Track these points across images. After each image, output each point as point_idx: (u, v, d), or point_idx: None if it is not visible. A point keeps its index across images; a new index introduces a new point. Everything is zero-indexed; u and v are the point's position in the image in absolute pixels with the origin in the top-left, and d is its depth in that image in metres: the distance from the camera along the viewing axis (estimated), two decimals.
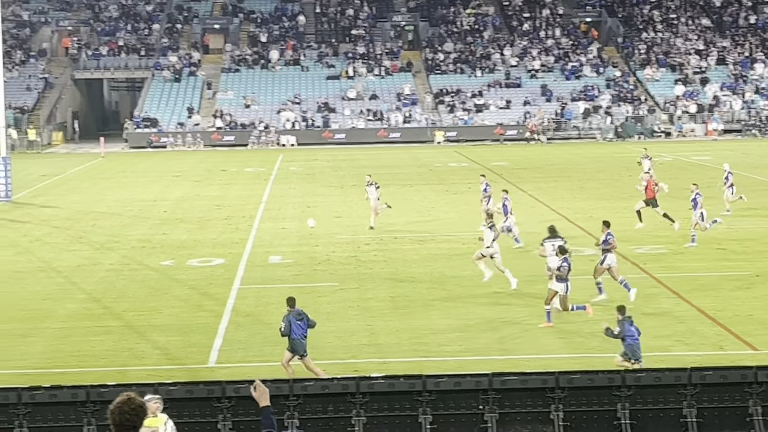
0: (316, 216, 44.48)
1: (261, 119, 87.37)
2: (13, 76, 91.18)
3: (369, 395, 18.21)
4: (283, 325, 22.22)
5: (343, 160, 70.60)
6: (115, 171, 66.87)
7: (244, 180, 59.83)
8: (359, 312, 28.18)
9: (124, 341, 25.65)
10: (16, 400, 18.28)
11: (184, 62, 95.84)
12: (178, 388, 18.60)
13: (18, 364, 23.77)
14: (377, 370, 21.71)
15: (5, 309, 29.18)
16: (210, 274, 33.59)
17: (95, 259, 36.41)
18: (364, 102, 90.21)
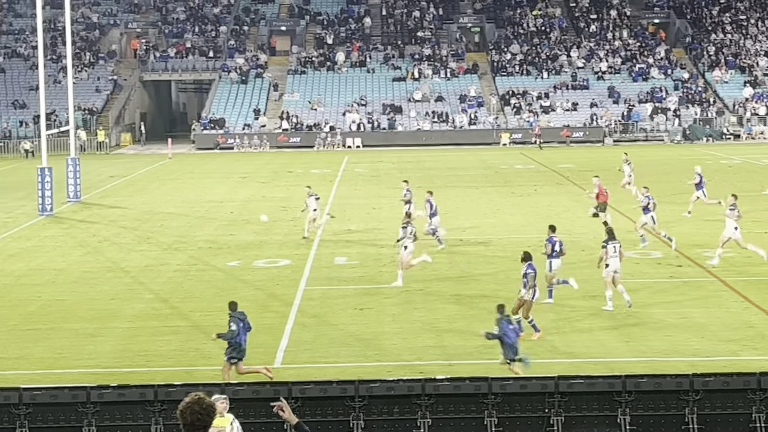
0: (381, 217, 44.56)
1: (327, 121, 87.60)
2: (82, 78, 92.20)
3: (434, 397, 18.19)
4: (233, 326, 21.90)
5: (408, 161, 70.60)
6: (182, 172, 67.35)
7: (310, 181, 59.87)
8: (424, 314, 28.15)
9: (192, 341, 25.81)
10: (84, 398, 18.46)
11: (250, 64, 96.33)
12: (245, 389, 18.70)
13: (86, 363, 24.01)
14: (442, 372, 21.67)
15: (74, 309, 29.47)
16: (276, 275, 33.73)
17: (163, 259, 36.69)
18: (430, 104, 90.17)
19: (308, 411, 18.41)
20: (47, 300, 30.50)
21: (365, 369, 22.83)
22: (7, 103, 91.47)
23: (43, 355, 24.29)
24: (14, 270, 35.15)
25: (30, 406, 18.61)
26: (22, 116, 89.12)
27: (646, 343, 24.99)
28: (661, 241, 36.93)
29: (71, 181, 52.84)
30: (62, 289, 32.03)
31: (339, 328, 26.78)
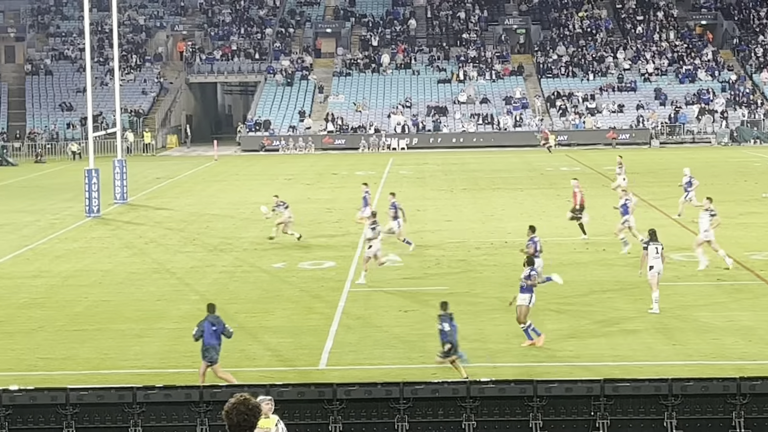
0: (426, 219, 44.51)
1: (372, 123, 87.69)
2: (129, 80, 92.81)
3: (479, 400, 18.16)
4: (195, 329, 22.05)
5: (453, 163, 70.53)
6: (227, 174, 67.61)
7: (355, 183, 59.99)
8: (469, 316, 28.06)
9: (237, 342, 25.82)
10: (131, 399, 18.58)
11: (296, 66, 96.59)
12: (290, 390, 18.75)
13: (133, 364, 24.14)
14: (487, 374, 21.62)
15: (121, 309, 29.65)
16: (321, 276, 33.78)
17: (208, 260, 36.84)
18: (475, 106, 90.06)
19: (353, 413, 18.44)
20: (94, 301, 30.70)
21: (410, 371, 22.83)
22: (54, 105, 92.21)
23: (90, 356, 24.44)
24: (61, 271, 35.41)
25: (77, 406, 18.75)
26: (69, 118, 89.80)
27: (692, 346, 24.83)
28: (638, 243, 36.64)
29: (118, 182, 53.16)
30: (109, 290, 32.22)
31: (383, 330, 26.79)
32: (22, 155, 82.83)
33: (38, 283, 33.40)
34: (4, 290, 32.46)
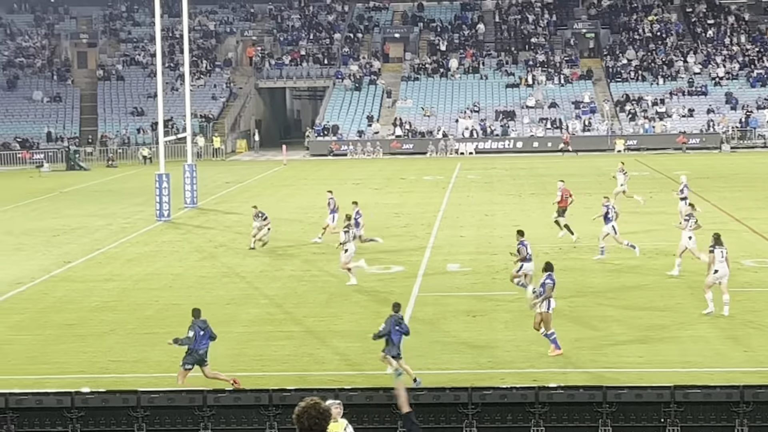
0: (494, 223, 44.41)
1: (440, 127, 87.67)
2: (199, 86, 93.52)
3: (548, 405, 18.10)
4: (190, 333, 22.13)
5: (521, 168, 70.33)
6: (296, 178, 67.90)
7: (423, 188, 60.10)
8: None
9: (305, 346, 26.01)
10: (201, 402, 18.73)
11: (364, 71, 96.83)
12: (358, 394, 18.79)
13: None
14: (556, 380, 21.54)
15: (190, 314, 29.81)
16: (389, 281, 33.82)
17: (277, 265, 37.03)
18: (543, 110, 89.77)
19: (421, 417, 18.43)
20: (164, 304, 30.97)
21: (478, 376, 22.81)
22: (126, 110, 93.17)
23: (161, 359, 24.65)
24: (132, 274, 35.76)
25: (148, 409, 18.93)
26: (140, 123, 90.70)
27: (764, 352, 24.57)
28: (625, 250, 36.42)
29: (188, 187, 53.59)
30: (179, 294, 32.49)
31: (451, 335, 26.77)
32: (93, 160, 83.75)
33: (110, 287, 33.76)
34: (76, 293, 32.85)
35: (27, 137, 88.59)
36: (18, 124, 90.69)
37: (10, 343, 26.95)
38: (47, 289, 33.59)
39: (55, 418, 19.06)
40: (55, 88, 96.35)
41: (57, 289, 33.62)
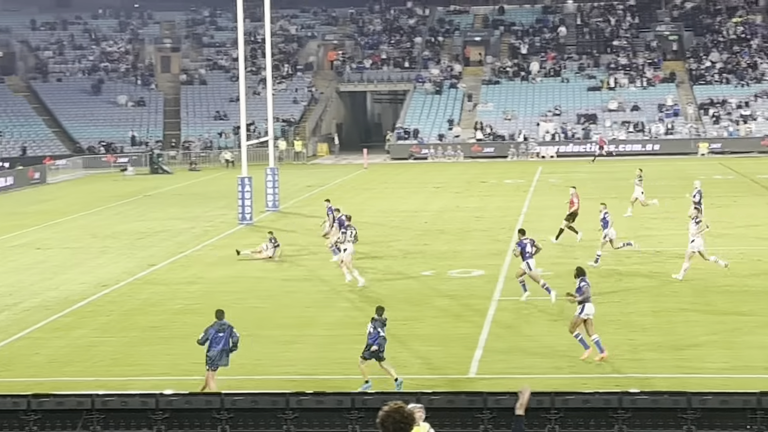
0: (577, 228, 44.15)
1: (521, 131, 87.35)
2: (281, 89, 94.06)
3: (631, 411, 17.97)
4: (201, 335, 22.29)
5: (603, 171, 69.83)
6: (377, 182, 68.03)
7: (504, 191, 59.94)
8: (620, 326, 27.82)
9: (387, 350, 26.00)
10: (284, 405, 18.84)
11: (445, 74, 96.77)
12: (440, 398, 18.80)
13: (285, 370, 24.47)
14: (639, 385, 21.36)
15: (273, 316, 30.08)
16: (470, 285, 33.78)
17: (363, 268, 37.07)
18: (625, 113, 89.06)
19: (503, 422, 18.40)
20: (246, 307, 31.17)
21: (560, 381, 22.71)
22: (208, 114, 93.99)
23: (243, 362, 24.81)
24: (215, 277, 36.07)
25: (231, 411, 19.08)
26: (222, 127, 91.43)
27: None
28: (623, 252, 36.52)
29: (270, 190, 53.92)
30: (261, 297, 32.72)
31: (533, 339, 26.67)
32: (177, 163, 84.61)
33: (193, 289, 34.08)
34: (160, 296, 33.21)
35: (111, 141, 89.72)
36: (103, 128, 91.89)
37: (96, 345, 27.32)
38: (132, 292, 34.00)
39: (140, 419, 19.28)
40: (139, 92, 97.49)
41: (141, 291, 34.02)
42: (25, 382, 23.61)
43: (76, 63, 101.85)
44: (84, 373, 24.61)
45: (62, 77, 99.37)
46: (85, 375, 24.44)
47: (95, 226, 49.63)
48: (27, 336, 28.53)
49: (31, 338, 28.30)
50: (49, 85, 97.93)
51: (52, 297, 33.39)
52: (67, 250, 42.79)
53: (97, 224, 50.38)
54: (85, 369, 25.05)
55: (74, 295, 33.60)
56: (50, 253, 42.32)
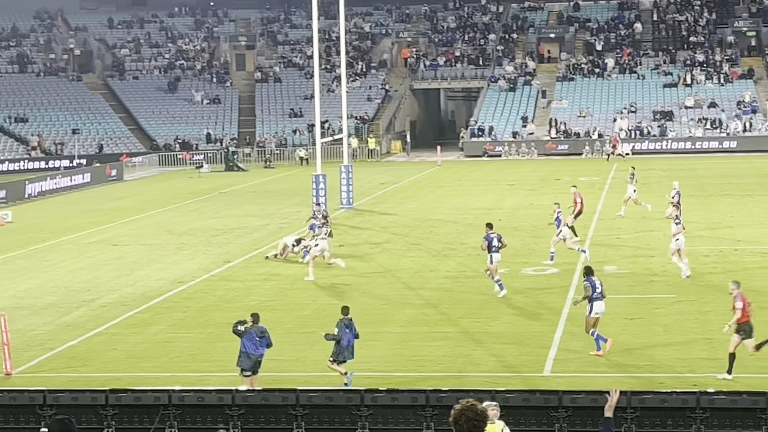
0: (652, 225, 43.80)
1: (595, 128, 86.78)
2: (354, 87, 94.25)
3: (709, 411, 17.78)
4: (241, 329, 22.42)
5: (679, 169, 69.15)
6: (450, 179, 67.93)
7: (578, 189, 59.43)
8: (698, 325, 27.56)
9: (461, 347, 26.02)
10: (359, 401, 18.87)
11: (519, 71, 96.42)
12: (515, 396, 18.72)
13: (360, 367, 24.46)
14: (717, 385, 21.14)
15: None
16: (545, 282, 33.64)
17: (432, 265, 37.11)
18: (702, 110, 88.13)
19: (578, 421, 18.30)
20: (322, 304, 31.28)
21: (636, 380, 22.54)
22: (283, 111, 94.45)
23: (318, 358, 24.89)
24: (290, 274, 36.22)
25: (306, 407, 19.14)
26: (297, 124, 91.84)
27: None
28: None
29: (344, 187, 54.06)
30: (336, 294, 32.80)
31: (609, 337, 26.43)
32: (251, 161, 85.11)
33: (268, 286, 34.27)
34: (236, 293, 33.42)
35: (187, 138, 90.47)
36: (178, 126, 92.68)
37: (173, 341, 27.56)
38: (207, 288, 34.25)
39: (216, 415, 19.41)
40: (214, 90, 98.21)
41: (217, 288, 34.26)
42: (103, 378, 23.87)
43: (152, 61, 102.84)
44: (161, 369, 24.83)
45: (139, 75, 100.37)
46: (161, 370, 24.67)
47: (171, 223, 50.07)
48: (105, 332, 28.85)
49: (109, 334, 28.62)
50: (125, 83, 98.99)
51: (129, 293, 33.74)
52: (144, 246, 43.20)
53: (173, 221, 50.82)
54: (161, 365, 25.28)
55: (151, 291, 33.93)
56: (127, 249, 42.76)
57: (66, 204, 61.07)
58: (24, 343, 27.34)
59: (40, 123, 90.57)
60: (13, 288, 35.12)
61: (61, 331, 28.99)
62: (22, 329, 28.87)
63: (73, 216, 54.57)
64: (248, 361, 22.36)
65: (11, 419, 19.97)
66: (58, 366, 25.50)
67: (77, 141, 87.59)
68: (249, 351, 22.28)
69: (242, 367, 22.42)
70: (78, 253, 42.34)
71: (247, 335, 22.40)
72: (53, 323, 29.94)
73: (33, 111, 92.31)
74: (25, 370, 25.09)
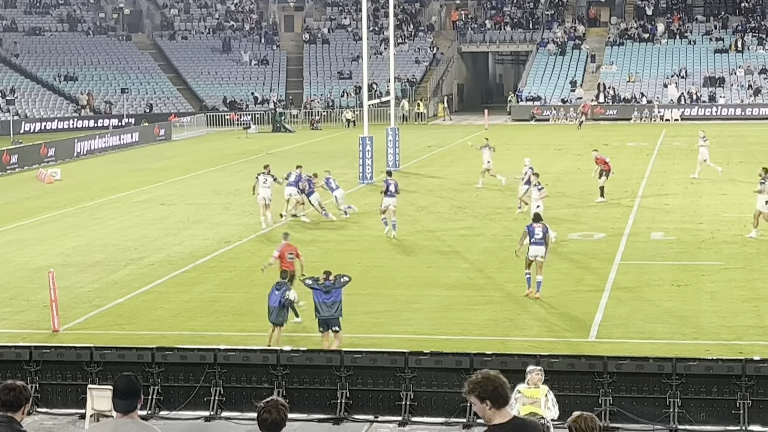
0: (700, 191, 43.53)
1: (644, 93, 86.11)
2: (403, 50, 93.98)
3: (755, 378, 17.71)
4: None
5: (728, 135, 68.54)
6: (498, 143, 67.13)
7: (626, 155, 59.17)
8: (745, 292, 27.38)
9: (506, 311, 26.01)
10: (403, 363, 18.96)
11: (568, 35, 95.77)
12: (560, 361, 18.73)
13: (404, 329, 24.56)
14: (763, 353, 21.02)
15: (393, 275, 30.19)
16: (591, 248, 33.52)
17: (478, 229, 37.05)
18: (753, 77, 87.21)
19: (623, 386, 18.28)
20: (367, 266, 31.33)
21: (682, 347, 22.43)
22: (331, 73, 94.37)
23: (363, 320, 24.99)
24: (335, 237, 36.31)
25: (350, 369, 19.24)
26: (344, 86, 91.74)
27: None
28: None
29: (391, 150, 54.01)
30: (381, 256, 32.86)
31: (655, 304, 26.37)
32: (298, 122, 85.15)
33: (313, 248, 34.30)
34: None
35: (235, 99, 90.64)
36: (227, 86, 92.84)
37: (218, 301, 27.72)
38: (254, 249, 34.39)
39: (261, 374, 19.55)
40: (262, 51, 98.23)
41: (262, 248, 34.33)
42: (150, 335, 24.07)
43: (201, 21, 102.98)
44: (206, 328, 24.99)
45: (188, 35, 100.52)
46: (207, 329, 24.82)
47: (218, 183, 50.25)
48: (151, 290, 29.05)
49: (156, 292, 28.81)
50: (174, 43, 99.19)
51: (176, 252, 33.93)
52: (191, 206, 43.41)
53: (220, 181, 51.00)
54: (207, 324, 25.43)
55: (197, 250, 34.10)
56: (174, 209, 42.98)
57: (114, 163, 61.39)
58: (71, 300, 27.59)
59: (89, 82, 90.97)
60: (61, 245, 35.40)
61: (109, 288, 29.23)
62: (70, 286, 29.12)
63: (122, 175, 54.88)
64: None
65: (58, 375, 20.20)
66: (105, 323, 25.72)
67: (126, 100, 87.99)
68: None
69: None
70: (126, 211, 42.61)
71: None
72: (101, 281, 30.17)
73: (82, 70, 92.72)
74: (72, 327, 25.32)
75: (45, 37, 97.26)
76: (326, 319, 22.18)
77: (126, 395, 9.01)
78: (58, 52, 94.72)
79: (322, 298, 22.21)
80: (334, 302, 22.18)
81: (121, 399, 9.01)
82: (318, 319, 22.35)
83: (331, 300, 22.17)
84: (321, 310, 22.19)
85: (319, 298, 22.24)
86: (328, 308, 22.13)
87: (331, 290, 22.29)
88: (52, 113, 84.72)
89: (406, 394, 18.91)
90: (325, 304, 22.15)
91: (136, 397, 9.04)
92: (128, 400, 9.01)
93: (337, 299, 22.24)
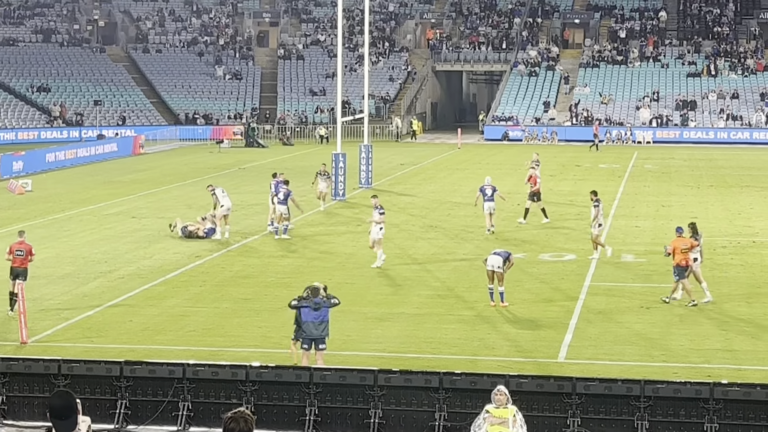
0: (670, 214, 43.72)
1: (617, 115, 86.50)
2: (377, 67, 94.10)
3: (723, 402, 17.78)
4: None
5: (700, 159, 68.98)
6: (470, 162, 67.83)
7: (598, 176, 59.43)
8: (713, 315, 27.50)
9: (476, 331, 26.03)
10: (372, 381, 18.92)
11: (542, 56, 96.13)
12: (529, 381, 18.75)
13: (374, 347, 24.54)
14: (731, 376, 21.10)
15: (363, 293, 30.18)
16: (561, 269, 33.61)
17: (449, 248, 37.11)
18: (725, 101, 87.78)
19: (591, 408, 18.31)
20: (337, 283, 31.20)
21: (651, 369, 22.51)
22: (305, 89, 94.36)
23: (333, 336, 24.89)
24: (306, 252, 36.29)
25: (320, 386, 19.21)
26: (318, 103, 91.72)
27: None
28: None
29: (363, 167, 54.06)
30: (351, 273, 32.84)
31: (624, 326, 26.47)
32: (271, 137, 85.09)
33: (285, 263, 34.32)
34: (253, 269, 33.48)
35: (208, 113, 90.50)
36: (200, 100, 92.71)
37: (188, 315, 27.64)
38: (225, 264, 34.32)
39: (230, 390, 19.51)
40: (236, 65, 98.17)
41: (234, 263, 34.32)
42: (119, 349, 23.96)
43: (176, 35, 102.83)
44: (175, 342, 24.91)
45: (162, 48, 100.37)
46: (176, 344, 24.74)
47: (190, 197, 50.14)
48: (121, 303, 28.94)
49: (125, 306, 28.71)
50: (148, 56, 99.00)
51: (146, 266, 33.83)
52: (162, 219, 43.29)
53: (192, 195, 50.88)
54: (176, 338, 25.35)
55: (168, 264, 34.02)
56: (145, 222, 42.87)
57: (86, 175, 61.20)
58: (40, 312, 27.46)
59: (62, 93, 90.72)
60: None
61: (78, 301, 29.11)
62: (39, 298, 28.99)
63: (93, 187, 54.72)
64: None
65: (26, 387, 20.08)
66: (74, 336, 25.60)
67: (99, 112, 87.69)
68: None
69: None
70: (97, 224, 42.47)
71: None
72: (70, 293, 30.06)
73: (56, 81, 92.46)
74: (40, 339, 25.20)
75: (19, 47, 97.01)
76: (314, 339, 21.87)
77: (64, 413, 8.47)
78: (32, 63, 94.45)
79: (311, 317, 21.69)
80: (322, 321, 21.75)
81: (60, 419, 8.44)
82: (302, 338, 21.89)
83: (319, 319, 21.74)
84: (308, 330, 21.71)
85: (308, 317, 21.70)
86: (315, 327, 21.67)
87: (321, 307, 21.89)
88: (24, 123, 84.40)
89: (375, 412, 18.89)
90: (313, 323, 21.66)
91: (75, 412, 8.58)
92: (69, 419, 8.50)
93: (325, 318, 21.84)
